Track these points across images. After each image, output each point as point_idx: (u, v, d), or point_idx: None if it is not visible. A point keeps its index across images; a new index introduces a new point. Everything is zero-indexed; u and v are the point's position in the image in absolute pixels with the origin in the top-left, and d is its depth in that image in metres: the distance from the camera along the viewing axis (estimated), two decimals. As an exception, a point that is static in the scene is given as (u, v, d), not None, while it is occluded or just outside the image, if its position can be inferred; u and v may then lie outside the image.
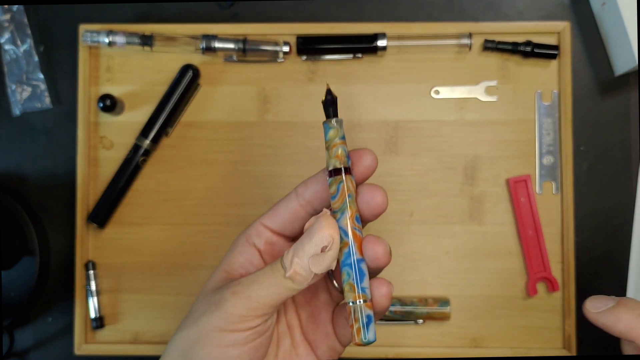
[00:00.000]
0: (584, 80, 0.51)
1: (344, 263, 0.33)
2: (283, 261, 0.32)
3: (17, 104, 0.52)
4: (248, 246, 0.36)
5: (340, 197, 0.33)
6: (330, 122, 0.34)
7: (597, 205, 0.50)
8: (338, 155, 0.34)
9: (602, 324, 0.31)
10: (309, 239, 0.32)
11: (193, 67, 0.50)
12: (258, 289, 0.33)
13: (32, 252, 0.50)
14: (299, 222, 0.36)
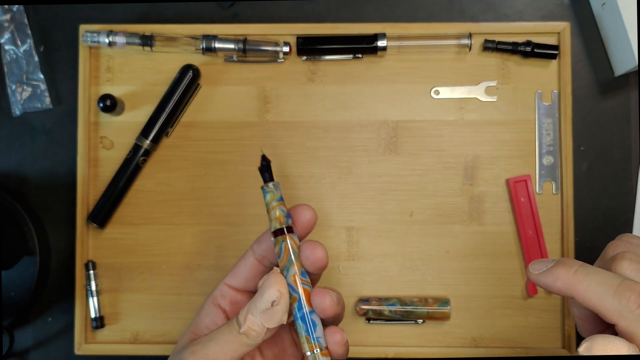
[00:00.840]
0: (584, 80, 0.51)
1: (296, 317, 0.35)
2: (238, 319, 0.34)
3: (17, 104, 0.52)
4: (214, 307, 0.38)
5: (284, 256, 0.35)
6: (267, 187, 0.36)
7: (597, 205, 0.50)
8: (277, 217, 0.35)
9: (542, 283, 0.32)
10: (260, 295, 0.34)
11: (193, 67, 0.50)
12: (214, 346, 0.34)
13: (32, 252, 0.50)
14: (259, 277, 0.37)
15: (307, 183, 0.51)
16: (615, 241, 0.33)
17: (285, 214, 0.35)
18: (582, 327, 0.33)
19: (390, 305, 0.49)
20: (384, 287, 0.50)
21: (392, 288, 0.50)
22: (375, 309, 0.49)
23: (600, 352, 0.28)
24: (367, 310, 0.49)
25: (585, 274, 0.30)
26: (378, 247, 0.50)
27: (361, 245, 0.50)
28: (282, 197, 0.36)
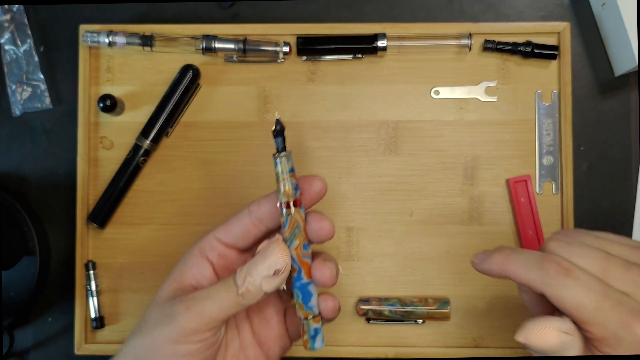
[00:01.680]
0: (584, 80, 0.51)
1: (294, 286, 0.36)
2: (236, 279, 0.34)
3: (17, 104, 0.52)
4: (201, 259, 0.38)
5: (289, 229, 0.36)
6: (279, 156, 0.37)
7: (597, 205, 0.50)
8: (286, 191, 0.36)
9: (482, 269, 0.35)
10: (263, 261, 0.34)
11: (193, 68, 0.50)
12: (211, 304, 0.35)
13: (32, 252, 0.50)
14: (251, 238, 0.38)
15: (307, 183, 0.51)
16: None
17: (294, 187, 0.36)
18: (533, 312, 0.35)
19: (390, 305, 0.49)
20: (384, 287, 0.50)
21: (392, 288, 0.50)
22: (375, 309, 0.49)
23: (533, 335, 0.31)
24: (367, 310, 0.49)
25: (514, 254, 0.33)
26: (378, 247, 0.50)
27: (361, 245, 0.50)
28: (293, 169, 0.36)
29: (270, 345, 0.40)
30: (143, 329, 0.36)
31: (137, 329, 0.37)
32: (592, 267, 0.31)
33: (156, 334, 0.35)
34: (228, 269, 0.38)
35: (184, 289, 0.37)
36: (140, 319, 0.37)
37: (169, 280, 0.38)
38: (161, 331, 0.35)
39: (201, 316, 0.34)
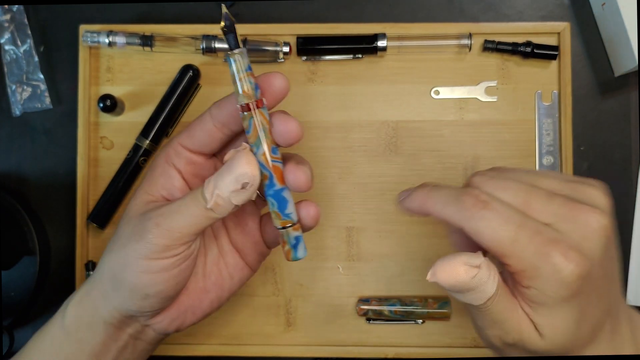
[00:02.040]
0: (584, 80, 0.51)
1: (267, 194, 0.34)
2: (204, 192, 0.33)
3: (17, 104, 0.52)
4: (168, 167, 0.37)
5: (253, 133, 0.33)
6: (232, 54, 0.34)
7: (597, 205, 0.50)
8: (245, 91, 0.33)
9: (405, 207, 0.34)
10: (229, 172, 0.33)
11: (193, 68, 0.50)
12: (180, 219, 0.33)
13: (32, 252, 0.50)
14: (216, 142, 0.36)
15: (307, 183, 0.51)
16: None
17: (253, 86, 0.34)
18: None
19: (390, 305, 0.49)
20: (384, 287, 0.50)
21: (392, 288, 0.50)
22: (375, 309, 0.49)
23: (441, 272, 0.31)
24: (367, 310, 0.49)
25: (435, 190, 0.33)
26: (378, 247, 0.50)
27: (361, 245, 0.50)
28: (250, 67, 0.34)
29: (247, 252, 0.39)
30: (116, 244, 0.36)
31: (112, 244, 0.36)
32: (513, 199, 0.31)
33: (129, 250, 0.35)
34: (197, 176, 0.37)
35: (155, 200, 0.36)
36: (113, 236, 0.37)
37: (139, 192, 0.37)
38: (133, 248, 0.34)
39: (171, 232, 0.34)
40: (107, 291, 0.36)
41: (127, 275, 0.34)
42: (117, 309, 0.36)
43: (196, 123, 0.36)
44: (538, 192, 0.31)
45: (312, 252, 0.50)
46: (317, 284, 0.50)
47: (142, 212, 0.36)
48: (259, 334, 0.50)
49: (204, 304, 0.39)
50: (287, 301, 0.50)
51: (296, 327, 0.50)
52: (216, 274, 0.39)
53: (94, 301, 0.37)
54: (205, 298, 0.39)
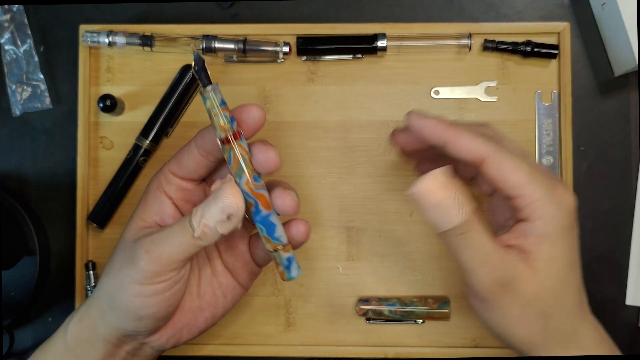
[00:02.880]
0: (584, 80, 0.51)
1: (254, 219, 0.36)
2: (191, 221, 0.35)
3: (17, 104, 0.52)
4: (160, 194, 0.38)
5: (234, 164, 0.35)
6: (205, 92, 0.35)
7: (597, 205, 0.50)
8: (221, 125, 0.35)
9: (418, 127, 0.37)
10: (215, 203, 0.34)
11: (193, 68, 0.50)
12: (168, 247, 0.35)
13: (32, 252, 0.50)
14: (203, 169, 0.38)
15: (307, 183, 0.51)
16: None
17: (229, 120, 0.35)
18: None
19: (390, 305, 0.49)
20: (384, 287, 0.50)
21: (392, 288, 0.50)
22: (375, 309, 0.49)
23: (421, 187, 0.34)
24: (367, 310, 0.49)
25: (457, 125, 0.37)
26: (378, 247, 0.50)
27: (361, 245, 0.50)
28: (224, 101, 0.35)
29: (239, 272, 0.41)
30: (112, 269, 0.38)
31: (108, 267, 0.38)
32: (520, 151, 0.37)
33: (122, 275, 0.36)
34: (188, 201, 0.39)
35: (148, 226, 0.38)
36: (110, 259, 0.39)
37: (133, 218, 0.39)
38: (126, 273, 0.36)
39: (160, 259, 0.35)
40: (104, 311, 0.38)
41: (122, 298, 0.36)
42: (115, 328, 0.38)
43: (183, 151, 0.38)
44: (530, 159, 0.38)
45: (312, 252, 0.50)
46: (317, 284, 0.50)
47: (135, 238, 0.37)
48: (259, 334, 0.50)
49: (199, 322, 0.40)
50: (287, 301, 0.50)
51: (296, 327, 0.50)
52: (210, 294, 0.41)
53: (94, 320, 0.38)
54: (200, 316, 0.40)
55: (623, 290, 0.49)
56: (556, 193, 0.35)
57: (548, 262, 0.35)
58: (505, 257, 0.35)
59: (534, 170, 0.35)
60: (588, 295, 0.49)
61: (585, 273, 0.50)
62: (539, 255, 0.35)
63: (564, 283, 0.36)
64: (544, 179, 0.35)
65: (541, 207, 0.35)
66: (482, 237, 0.35)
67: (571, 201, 0.36)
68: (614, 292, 0.50)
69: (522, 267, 0.35)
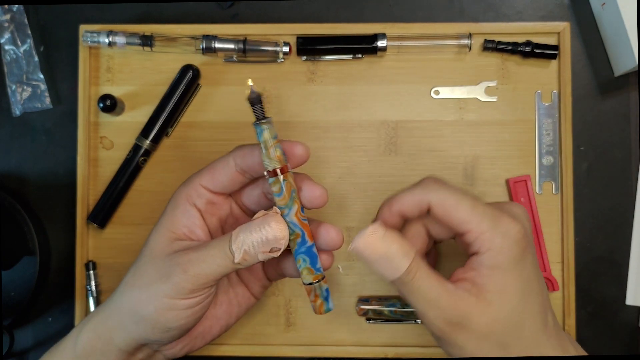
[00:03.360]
0: (584, 80, 0.51)
1: (297, 252, 0.37)
2: (232, 247, 0.35)
3: (17, 104, 0.52)
4: (189, 207, 0.39)
5: (286, 195, 0.36)
6: (261, 124, 0.36)
7: (597, 205, 0.50)
8: (277, 157, 0.36)
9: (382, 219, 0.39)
10: (259, 233, 0.35)
11: (193, 68, 0.50)
12: (207, 268, 0.36)
13: (32, 252, 0.50)
14: (237, 185, 0.39)
15: (307, 183, 0.51)
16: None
17: (283, 153, 0.36)
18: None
19: (390, 305, 0.49)
20: (384, 287, 0.50)
21: (392, 288, 0.50)
22: (375, 309, 0.49)
23: (362, 242, 0.35)
24: (367, 310, 0.49)
25: (395, 196, 0.38)
26: (378, 247, 0.50)
27: (361, 245, 0.50)
28: (276, 135, 0.36)
29: (252, 285, 0.43)
30: (139, 281, 0.38)
31: (132, 279, 0.39)
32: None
33: (155, 289, 0.37)
34: (214, 214, 0.40)
35: (178, 238, 0.39)
36: (134, 270, 0.39)
37: (160, 230, 0.39)
38: (160, 288, 0.37)
39: (197, 278, 0.36)
40: (125, 323, 0.38)
41: (151, 312, 0.37)
42: (135, 339, 0.38)
43: (219, 166, 0.39)
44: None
45: (312, 252, 0.50)
46: (317, 284, 0.50)
47: (167, 253, 0.38)
48: (259, 334, 0.50)
49: (214, 330, 0.42)
50: (287, 301, 0.50)
51: (296, 327, 0.50)
52: (227, 303, 0.42)
53: (110, 331, 0.39)
54: (215, 325, 0.42)
55: (623, 290, 0.49)
56: (501, 224, 0.36)
57: (500, 293, 0.36)
58: (455, 296, 0.36)
59: (476, 205, 0.36)
60: (588, 295, 0.50)
61: (585, 273, 0.50)
62: (490, 287, 0.36)
63: (519, 311, 0.36)
64: (488, 212, 0.36)
65: (488, 239, 0.36)
66: (428, 282, 0.36)
67: (517, 230, 0.36)
68: (614, 292, 0.50)
69: (474, 302, 0.36)
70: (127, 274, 0.39)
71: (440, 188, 0.37)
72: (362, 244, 0.35)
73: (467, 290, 0.36)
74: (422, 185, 0.38)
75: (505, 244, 0.36)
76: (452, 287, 0.36)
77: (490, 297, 0.36)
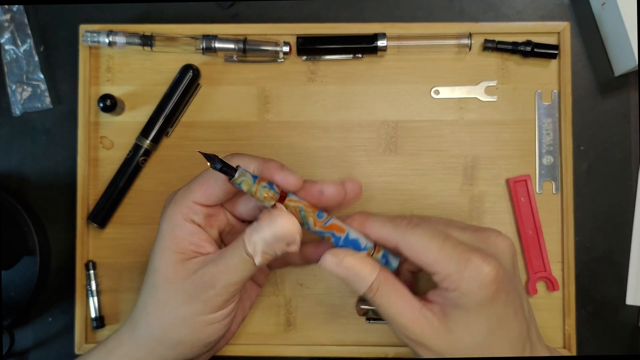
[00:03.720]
0: (584, 80, 0.51)
1: (337, 245, 0.38)
2: (248, 251, 0.36)
3: (17, 104, 0.52)
4: (189, 224, 0.39)
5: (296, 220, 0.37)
6: (236, 179, 0.36)
7: (597, 205, 0.50)
8: (266, 197, 0.37)
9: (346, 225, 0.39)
10: (272, 232, 0.36)
11: (193, 67, 0.50)
12: (233, 278, 0.37)
13: (32, 252, 0.50)
14: (232, 194, 0.39)
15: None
16: None
17: (269, 189, 0.37)
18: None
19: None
20: (384, 287, 0.50)
21: (392, 288, 0.50)
22: (375, 309, 0.49)
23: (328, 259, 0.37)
24: (367, 310, 0.49)
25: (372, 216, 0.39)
26: (378, 247, 0.50)
27: (361, 245, 0.50)
28: (255, 176, 0.37)
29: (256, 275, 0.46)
30: (163, 310, 0.38)
31: (154, 311, 0.38)
32: (435, 226, 0.37)
33: (183, 312, 0.37)
34: (214, 226, 0.40)
35: (187, 258, 0.39)
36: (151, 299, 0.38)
37: (165, 253, 0.39)
38: (189, 309, 0.37)
39: (227, 289, 0.37)
40: (153, 348, 0.38)
41: (187, 334, 0.37)
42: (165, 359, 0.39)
43: (210, 182, 0.39)
44: (454, 224, 0.38)
45: (312, 252, 0.50)
46: (317, 284, 0.50)
47: (185, 275, 0.38)
48: (259, 333, 0.50)
49: (233, 328, 0.44)
50: (287, 301, 0.50)
51: (296, 327, 0.50)
52: (243, 298, 0.44)
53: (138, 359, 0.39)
54: (235, 322, 0.43)
55: (623, 290, 0.49)
56: (470, 266, 0.35)
57: (464, 328, 0.36)
58: (419, 315, 0.36)
59: (445, 246, 0.36)
60: (588, 295, 0.50)
61: (585, 273, 0.50)
62: (454, 319, 0.36)
63: (485, 345, 0.36)
64: (456, 253, 0.35)
65: (454, 281, 0.35)
66: (391, 299, 0.37)
67: (487, 272, 0.35)
68: (614, 292, 0.50)
69: (436, 326, 0.36)
70: (143, 303, 0.39)
71: (409, 231, 0.37)
72: (327, 261, 0.37)
73: (433, 312, 0.36)
74: (394, 224, 0.38)
75: (472, 287, 0.35)
76: (418, 306, 0.37)
77: (453, 327, 0.36)
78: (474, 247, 0.36)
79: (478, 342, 0.36)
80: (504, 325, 0.36)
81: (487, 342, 0.36)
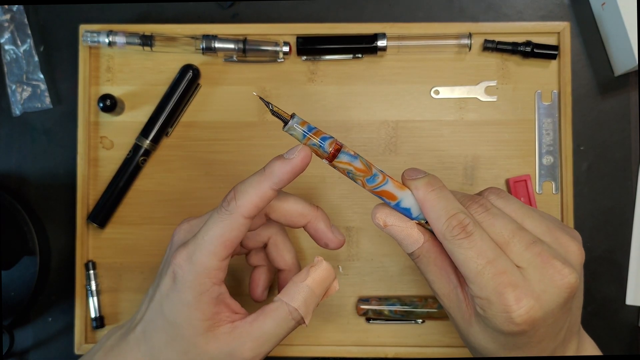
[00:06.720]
0: (584, 80, 0.51)
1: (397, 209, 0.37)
2: (292, 314, 0.37)
3: (17, 104, 0.52)
4: (217, 287, 0.37)
5: (365, 168, 0.37)
6: (289, 129, 0.37)
7: (597, 205, 0.50)
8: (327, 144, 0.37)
9: (408, 184, 0.37)
10: (312, 291, 0.38)
11: (193, 67, 0.50)
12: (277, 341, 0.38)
13: (32, 252, 0.50)
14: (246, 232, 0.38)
15: (307, 183, 0.51)
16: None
17: (319, 148, 0.37)
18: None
19: (390, 305, 0.49)
20: (384, 287, 0.50)
21: (392, 288, 0.50)
22: (375, 309, 0.49)
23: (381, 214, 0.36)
24: (367, 310, 0.49)
25: (437, 196, 0.35)
26: (378, 247, 0.50)
27: (361, 245, 0.50)
28: (305, 133, 0.37)
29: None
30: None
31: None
32: (496, 236, 0.34)
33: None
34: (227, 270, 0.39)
35: (219, 325, 0.38)
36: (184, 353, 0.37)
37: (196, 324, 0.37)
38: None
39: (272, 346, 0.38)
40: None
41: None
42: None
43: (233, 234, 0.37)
44: (522, 236, 0.34)
45: (312, 252, 0.50)
46: (317, 284, 0.50)
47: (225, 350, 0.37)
48: (259, 333, 0.50)
49: None
50: (287, 301, 0.50)
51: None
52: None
53: None
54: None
55: (623, 290, 0.49)
56: (502, 301, 0.32)
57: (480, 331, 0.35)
58: (453, 292, 0.36)
59: (483, 273, 0.33)
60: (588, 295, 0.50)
61: (586, 273, 0.50)
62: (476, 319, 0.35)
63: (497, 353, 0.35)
64: (493, 284, 0.32)
65: (483, 305, 0.33)
66: (434, 268, 0.36)
67: (518, 314, 0.32)
68: (614, 292, 0.50)
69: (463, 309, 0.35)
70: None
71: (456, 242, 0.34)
72: (375, 222, 0.37)
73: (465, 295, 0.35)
74: (449, 225, 0.34)
75: (498, 320, 0.33)
76: (454, 283, 0.36)
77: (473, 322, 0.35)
78: (515, 281, 0.32)
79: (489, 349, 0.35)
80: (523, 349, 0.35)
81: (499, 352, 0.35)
